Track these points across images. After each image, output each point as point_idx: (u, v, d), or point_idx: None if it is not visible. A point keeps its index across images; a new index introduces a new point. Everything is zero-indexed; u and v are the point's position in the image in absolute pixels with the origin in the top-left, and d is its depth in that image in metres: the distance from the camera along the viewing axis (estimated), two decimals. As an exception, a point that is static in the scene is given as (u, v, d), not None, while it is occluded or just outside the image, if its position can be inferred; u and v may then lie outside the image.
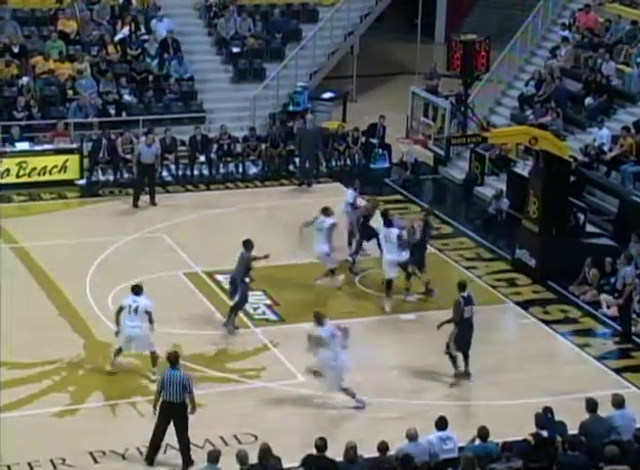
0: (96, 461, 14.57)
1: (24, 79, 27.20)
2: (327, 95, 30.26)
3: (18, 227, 22.69)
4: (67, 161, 25.67)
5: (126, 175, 25.91)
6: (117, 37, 29.04)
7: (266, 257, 18.75)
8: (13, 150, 25.47)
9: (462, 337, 16.83)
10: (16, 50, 27.80)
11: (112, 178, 25.90)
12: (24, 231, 22.45)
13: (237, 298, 18.49)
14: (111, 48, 28.66)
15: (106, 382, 16.73)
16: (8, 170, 25.21)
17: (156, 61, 28.81)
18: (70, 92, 27.37)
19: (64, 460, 14.46)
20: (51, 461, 14.42)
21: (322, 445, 12.86)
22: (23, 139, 25.78)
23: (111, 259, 21.10)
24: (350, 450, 12.82)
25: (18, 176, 25.30)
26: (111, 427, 15.46)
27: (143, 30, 29.41)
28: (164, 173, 26.28)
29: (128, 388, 16.52)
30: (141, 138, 25.19)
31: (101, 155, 25.80)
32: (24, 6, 29.34)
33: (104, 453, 14.70)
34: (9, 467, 14.20)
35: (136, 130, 26.55)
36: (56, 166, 25.58)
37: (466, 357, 17.07)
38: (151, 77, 28.49)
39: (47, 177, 25.47)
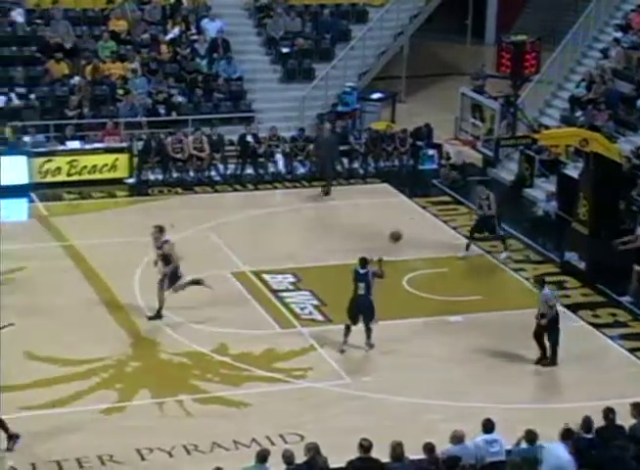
0: (143, 458, 14.65)
1: (76, 79, 27.46)
2: (376, 96, 30.22)
3: (68, 225, 22.90)
4: (116, 159, 25.87)
5: (175, 174, 26.09)
6: (168, 37, 29.22)
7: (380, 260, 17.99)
8: (64, 148, 25.72)
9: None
10: (68, 50, 28.06)
11: (161, 177, 26.07)
12: (74, 229, 22.65)
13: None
14: (161, 48, 28.84)
15: (153, 380, 16.82)
16: (59, 169, 25.46)
17: (205, 61, 28.97)
18: (121, 91, 27.59)
19: (111, 457, 14.56)
20: (99, 458, 14.52)
21: (367, 445, 12.82)
22: (75, 138, 26.03)
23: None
24: (397, 448, 12.76)
25: (68, 175, 25.54)
26: (158, 424, 15.53)
27: (193, 30, 29.58)
28: (213, 173, 26.41)
29: (175, 386, 16.59)
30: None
31: (150, 154, 25.98)
32: (76, 6, 29.62)
33: (151, 450, 14.77)
34: (58, 463, 14.32)
35: (185, 130, 26.70)
36: (106, 165, 25.79)
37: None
38: (200, 77, 28.64)
39: (97, 176, 25.68)
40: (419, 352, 17.86)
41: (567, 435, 13.14)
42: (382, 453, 12.88)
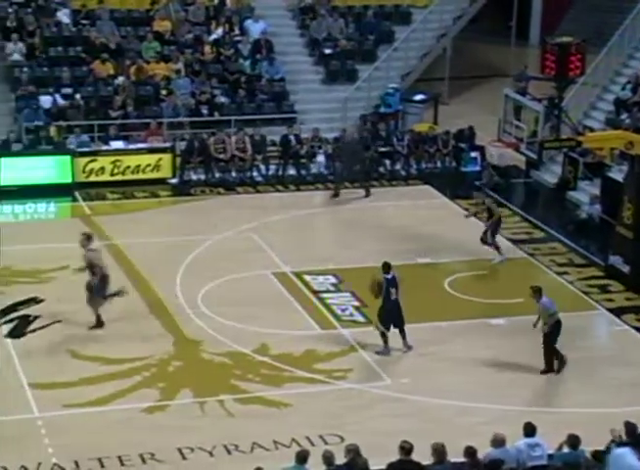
0: (184, 457, 14.70)
1: (120, 79, 27.64)
2: (418, 97, 30.14)
3: (111, 225, 23.03)
4: (160, 159, 25.99)
5: (217, 175, 26.18)
6: (211, 38, 29.34)
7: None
8: (108, 148, 25.89)
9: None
10: (113, 50, 28.25)
11: (203, 177, 26.16)
12: (117, 228, 22.78)
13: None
14: (205, 48, 28.96)
15: (195, 379, 16.87)
16: (103, 169, 25.63)
17: (248, 61, 29.04)
18: (164, 92, 27.73)
19: (153, 455, 14.62)
20: (140, 456, 14.59)
21: (408, 447, 12.78)
22: (118, 138, 26.20)
23: (201, 258, 21.29)
24: (439, 450, 12.71)
25: (112, 174, 25.70)
26: (199, 424, 15.57)
27: (237, 31, 29.67)
28: (254, 173, 26.47)
29: (216, 385, 16.64)
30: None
31: (193, 154, 26.08)
32: (121, 6, 29.82)
33: (192, 450, 14.82)
34: (100, 460, 14.40)
35: (228, 130, 26.78)
36: (149, 165, 25.92)
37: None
38: (243, 78, 28.72)
39: (140, 176, 25.81)
40: (460, 354, 17.79)
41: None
42: (422, 456, 12.84)
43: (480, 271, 21.18)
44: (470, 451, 12.87)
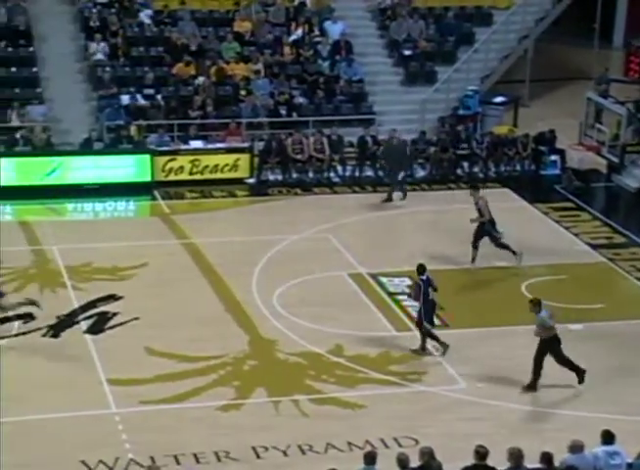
0: (258, 456, 14.75)
1: (200, 79, 27.86)
2: (498, 99, 29.89)
3: (189, 223, 23.22)
4: (238, 159, 26.13)
5: (295, 175, 26.25)
6: (291, 39, 29.42)
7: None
8: (187, 148, 26.11)
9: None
10: (193, 50, 28.49)
11: (280, 178, 26.25)
12: (195, 227, 22.95)
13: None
14: (284, 49, 29.06)
15: (270, 379, 16.92)
16: (182, 168, 25.85)
17: (327, 62, 29.07)
18: (244, 92, 27.88)
19: (227, 453, 14.69)
20: (215, 454, 14.67)
21: (484, 452, 12.66)
22: (198, 137, 26.41)
23: (277, 258, 21.35)
24: (515, 455, 12.56)
25: (190, 174, 25.90)
26: (273, 423, 15.61)
27: (316, 32, 29.71)
28: (332, 174, 26.47)
29: (292, 386, 16.66)
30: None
31: (271, 155, 26.19)
32: (203, 7, 30.05)
33: (266, 449, 14.86)
34: (176, 457, 14.51)
35: (306, 131, 26.83)
36: (227, 165, 26.07)
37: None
38: (322, 79, 28.75)
39: (218, 175, 25.98)
40: (537, 359, 17.56)
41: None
42: (496, 461, 12.71)
43: (559, 276, 20.92)
44: (546, 457, 12.70)
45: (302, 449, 14.92)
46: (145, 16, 29.26)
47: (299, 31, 29.57)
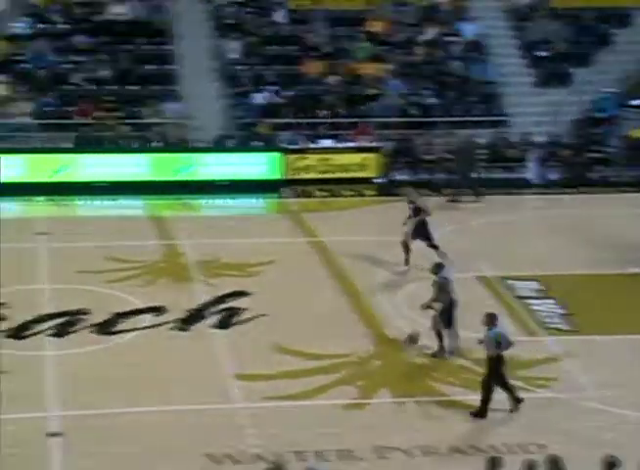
0: (381, 457, 14.68)
1: (331, 78, 27.95)
2: (636, 102, 29.19)
3: (317, 222, 23.34)
4: (367, 159, 26.15)
5: (424, 176, 26.12)
6: (424, 38, 29.28)
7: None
8: (316, 146, 26.24)
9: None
10: (325, 50, 28.62)
11: (409, 178, 26.15)
12: (323, 226, 23.04)
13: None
14: (417, 49, 28.94)
15: (394, 379, 16.84)
16: (311, 166, 25.98)
17: (460, 63, 28.83)
18: (374, 92, 27.87)
19: (350, 452, 14.67)
20: (338, 452, 14.65)
21: (613, 462, 12.34)
22: (327, 136, 26.51)
23: (400, 259, 21.22)
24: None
25: (320, 172, 26.02)
26: (397, 424, 15.52)
27: (450, 32, 29.52)
28: (476, 175, 26.22)
29: (416, 387, 16.56)
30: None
31: (400, 155, 26.12)
32: (336, 7, 30.15)
33: (389, 449, 14.79)
34: (299, 454, 14.52)
35: (436, 132, 26.67)
36: (356, 164, 26.11)
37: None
38: (454, 79, 28.54)
39: (347, 174, 26.04)
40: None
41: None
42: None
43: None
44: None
45: (426, 451, 14.80)
46: (279, 15, 29.51)
47: (433, 31, 29.41)
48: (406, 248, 20.67)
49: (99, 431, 14.82)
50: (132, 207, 24.89)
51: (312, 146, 26.34)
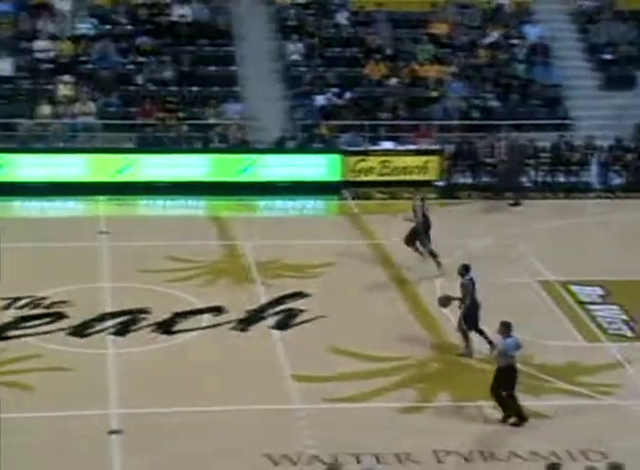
0: (439, 460, 14.57)
1: (393, 80, 27.87)
2: None
3: (377, 224, 23.25)
4: (428, 161, 26.02)
5: (485, 179, 25.92)
6: (487, 41, 29.09)
7: None
8: (377, 148, 26.17)
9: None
10: (387, 52, 28.55)
11: (470, 181, 25.98)
12: (383, 228, 22.95)
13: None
14: (479, 52, 28.75)
15: (454, 383, 16.72)
16: (372, 168, 25.92)
17: (523, 66, 28.60)
18: (436, 94, 27.74)
19: (408, 455, 14.58)
20: (396, 455, 14.57)
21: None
22: (388, 138, 26.43)
23: (459, 262, 21.05)
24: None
25: (380, 175, 25.95)
26: (456, 428, 15.39)
27: (513, 35, 29.28)
28: (524, 179, 26.02)
29: (476, 391, 16.41)
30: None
31: (461, 158, 25.96)
32: (399, 9, 30.03)
33: (447, 453, 14.68)
34: (357, 456, 14.47)
35: (498, 135, 26.45)
36: (417, 167, 26.00)
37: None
38: (517, 82, 28.31)
39: (407, 177, 25.93)
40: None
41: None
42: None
43: None
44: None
45: (484, 456, 14.66)
46: (341, 17, 29.48)
47: (496, 34, 29.20)
48: (431, 253, 20.64)
49: (158, 429, 14.89)
50: (193, 207, 25.02)
51: (373, 148, 26.27)
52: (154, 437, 14.71)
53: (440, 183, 25.93)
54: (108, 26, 28.75)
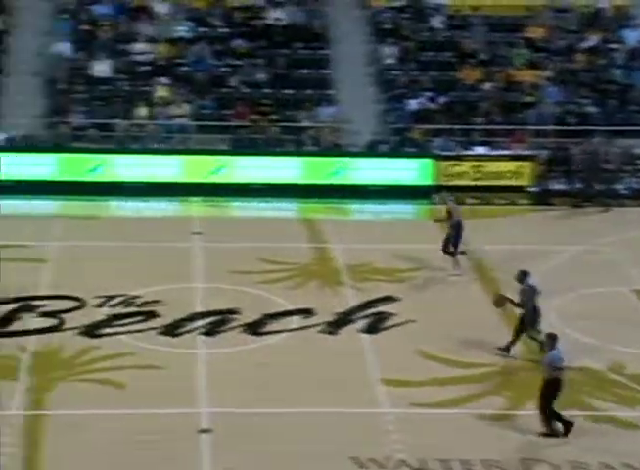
0: (528, 469, 14.42)
1: (487, 85, 27.67)
2: None
3: (468, 229, 22.96)
4: (521, 167, 25.78)
5: (580, 186, 25.58)
6: (585, 45, 28.70)
7: None
8: (470, 153, 26.01)
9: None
10: (482, 56, 28.35)
11: (565, 188, 25.66)
12: (474, 234, 22.73)
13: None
14: (577, 56, 28.39)
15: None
16: (464, 173, 25.76)
17: (622, 71, 28.15)
18: (531, 99, 27.46)
19: (497, 463, 14.46)
20: (484, 462, 14.46)
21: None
22: (481, 143, 26.25)
23: (554, 269, 20.85)
24: None
25: (473, 179, 25.77)
26: (544, 437, 15.21)
27: (613, 39, 28.85)
28: (620, 186, 25.61)
29: (567, 400, 16.16)
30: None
31: (556, 164, 25.65)
32: (495, 13, 29.80)
33: (537, 462, 14.51)
34: (444, 462, 14.39)
35: (594, 141, 26.07)
36: (510, 172, 25.77)
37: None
38: (615, 87, 27.88)
39: (500, 182, 25.72)
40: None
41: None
42: None
43: None
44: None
45: (574, 466, 14.46)
46: (436, 20, 29.38)
47: (594, 38, 28.79)
48: (453, 253, 20.62)
49: (247, 429, 15.01)
50: (285, 209, 25.16)
51: (466, 153, 26.11)
52: (243, 437, 14.83)
53: (534, 189, 25.65)
54: (204, 29, 29.08)
